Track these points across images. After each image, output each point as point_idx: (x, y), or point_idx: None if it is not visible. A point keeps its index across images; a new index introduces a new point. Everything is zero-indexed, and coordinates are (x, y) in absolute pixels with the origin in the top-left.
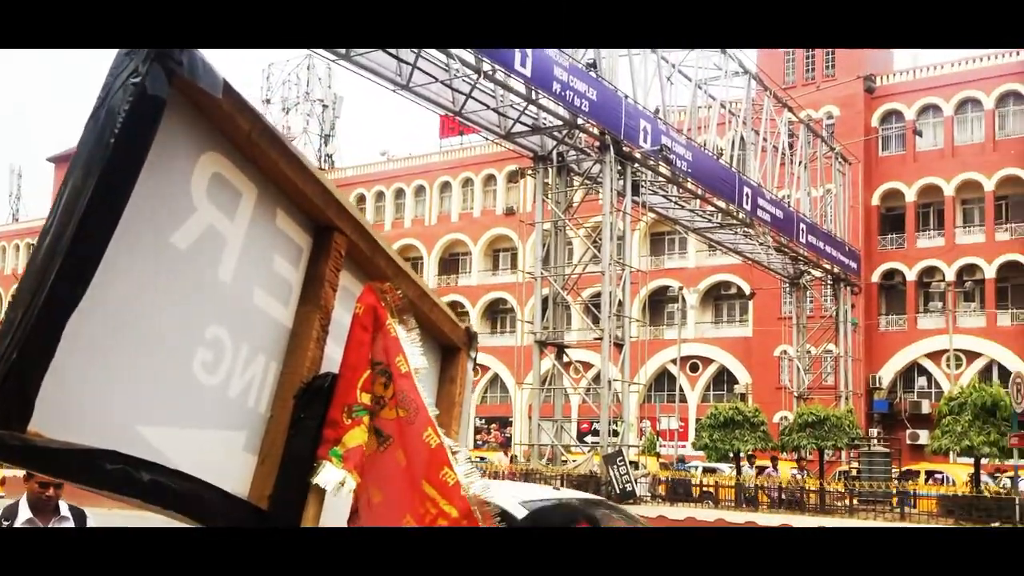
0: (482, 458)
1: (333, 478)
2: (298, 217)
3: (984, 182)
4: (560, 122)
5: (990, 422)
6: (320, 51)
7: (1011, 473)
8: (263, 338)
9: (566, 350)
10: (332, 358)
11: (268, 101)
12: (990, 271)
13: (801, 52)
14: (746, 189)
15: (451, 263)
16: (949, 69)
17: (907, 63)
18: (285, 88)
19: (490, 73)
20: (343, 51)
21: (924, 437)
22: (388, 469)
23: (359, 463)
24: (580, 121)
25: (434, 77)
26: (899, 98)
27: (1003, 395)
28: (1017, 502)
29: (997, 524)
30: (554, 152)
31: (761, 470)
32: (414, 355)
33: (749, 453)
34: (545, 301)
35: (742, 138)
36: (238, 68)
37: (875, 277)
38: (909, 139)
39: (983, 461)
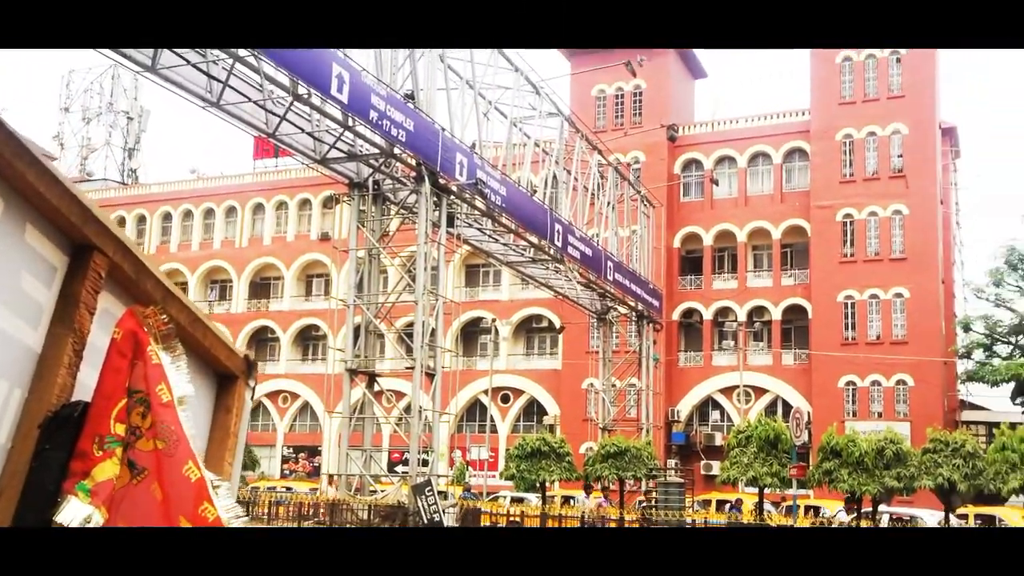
0: (288, 488)
1: (78, 514)
2: (52, 234)
3: (772, 230)
4: (376, 150)
5: (772, 454)
6: (126, 62)
7: (789, 503)
8: (5, 362)
9: (377, 379)
10: (87, 385)
11: (67, 109)
12: (776, 313)
13: (612, 98)
14: (557, 226)
15: (262, 287)
16: (743, 124)
17: (707, 116)
18: (87, 97)
19: (305, 97)
20: (149, 63)
21: (716, 468)
22: (142, 504)
23: (108, 498)
24: (397, 151)
25: (246, 96)
26: (699, 148)
27: (784, 429)
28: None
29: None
30: (370, 180)
31: (567, 500)
32: (179, 383)
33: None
34: (357, 329)
35: (554, 176)
36: (35, 73)
37: (675, 315)
38: (707, 187)
39: (767, 490)
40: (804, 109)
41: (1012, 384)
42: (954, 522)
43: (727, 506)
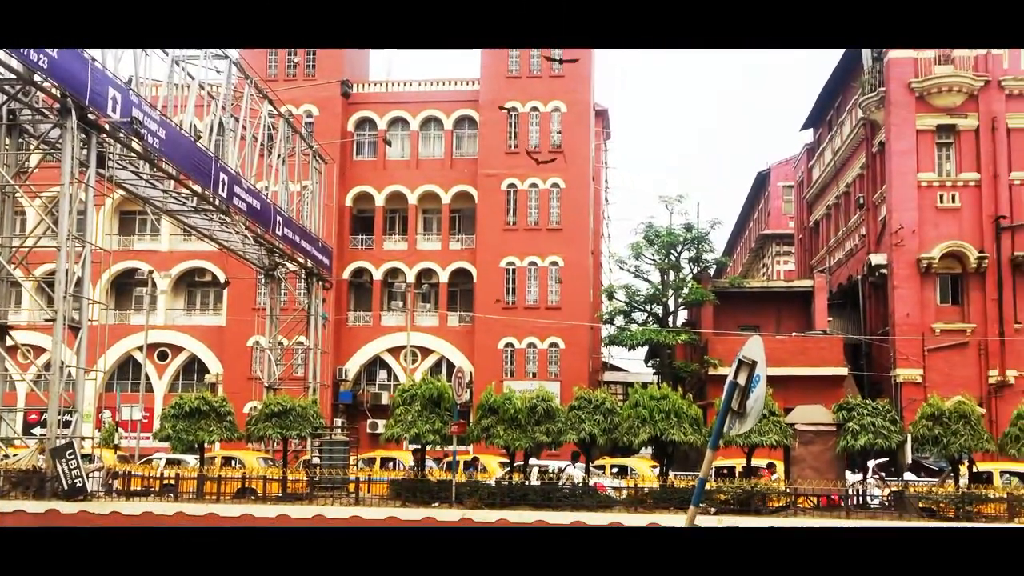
0: None
1: None
2: None
3: (442, 195)
4: (13, 76)
5: (435, 412)
6: None
7: (449, 459)
8: None
9: (11, 332)
10: None
11: None
12: (444, 276)
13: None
14: (223, 175)
15: None
16: (417, 88)
17: (381, 75)
18: None
19: None
20: None
21: (382, 426)
22: None
23: None
24: (38, 78)
25: None
26: (372, 107)
27: (447, 388)
28: (454, 484)
29: (437, 504)
30: (4, 109)
31: (228, 461)
32: None
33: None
34: None
35: (221, 123)
36: None
37: (346, 274)
38: (380, 147)
39: (428, 447)
40: (475, 79)
41: (646, 348)
42: (568, 469)
43: (464, 466)
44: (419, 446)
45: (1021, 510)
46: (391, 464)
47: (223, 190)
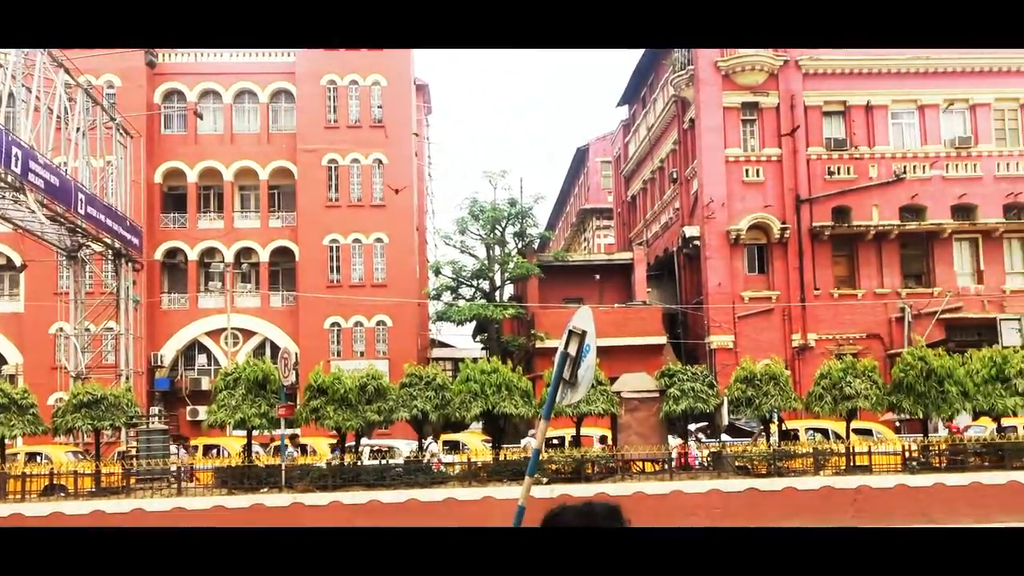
0: None
1: None
2: None
3: (259, 171)
4: None
5: (261, 395)
6: None
7: (277, 443)
8: None
9: None
10: None
11: None
12: (264, 255)
13: None
14: (16, 150)
15: None
16: (229, 58)
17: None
18: None
19: None
20: None
21: (203, 412)
22: None
23: None
24: None
25: None
26: (181, 78)
27: (273, 370)
28: (284, 469)
29: (266, 490)
30: None
31: (32, 457)
32: None
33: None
34: None
35: (11, 94)
36: None
37: (158, 255)
38: (191, 120)
39: (255, 432)
40: (291, 51)
41: (473, 323)
42: (431, 447)
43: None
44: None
45: (825, 463)
46: (215, 451)
47: (16, 165)
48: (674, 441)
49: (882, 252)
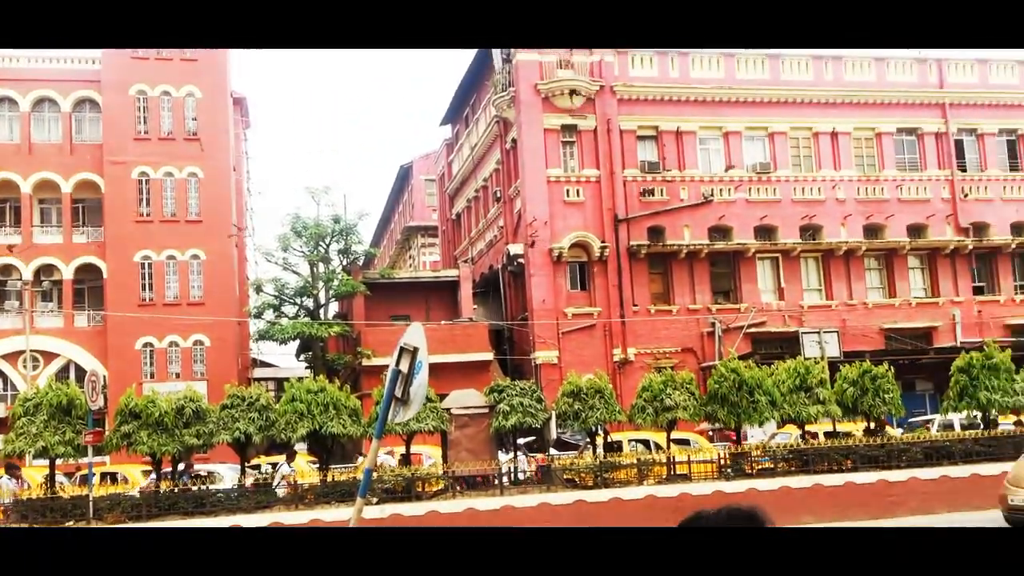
0: None
1: None
2: None
3: (62, 183)
4: None
5: (66, 421)
6: None
7: (84, 472)
8: None
9: None
10: None
11: None
12: (68, 272)
13: None
14: None
15: None
16: (26, 64)
17: None
18: None
19: None
20: None
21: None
22: None
23: None
24: None
25: None
26: None
27: (79, 394)
28: (91, 499)
29: (72, 523)
30: None
31: None
32: None
33: None
34: None
35: None
36: None
37: None
38: None
39: (59, 461)
40: (96, 57)
41: (297, 342)
42: (282, 467)
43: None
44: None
45: (648, 473)
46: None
47: None
48: (504, 456)
49: (693, 270)
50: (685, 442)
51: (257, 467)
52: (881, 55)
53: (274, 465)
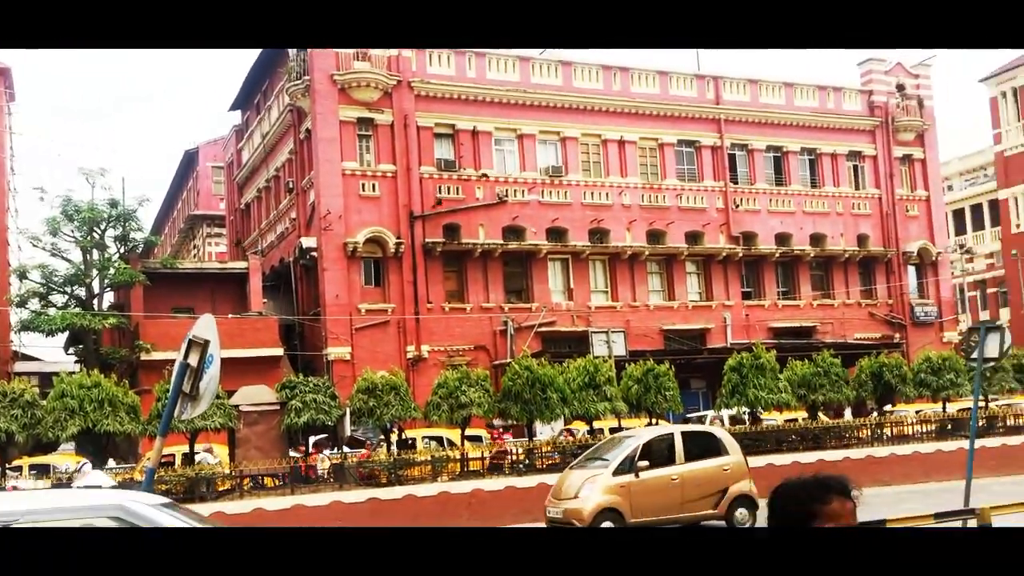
0: None
1: None
2: None
3: None
4: None
5: None
6: None
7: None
8: None
9: None
10: None
11: None
12: None
13: None
14: None
15: None
16: None
17: None
18: None
19: None
20: None
21: None
22: None
23: None
24: None
25: None
26: None
27: None
28: None
29: None
30: None
31: None
32: None
33: None
34: None
35: None
36: None
37: None
38: None
39: None
40: None
41: (67, 334)
42: (11, 476)
43: None
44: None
45: (443, 470)
46: None
47: None
48: (296, 454)
49: (487, 269)
50: (478, 439)
51: (19, 469)
52: (664, 69)
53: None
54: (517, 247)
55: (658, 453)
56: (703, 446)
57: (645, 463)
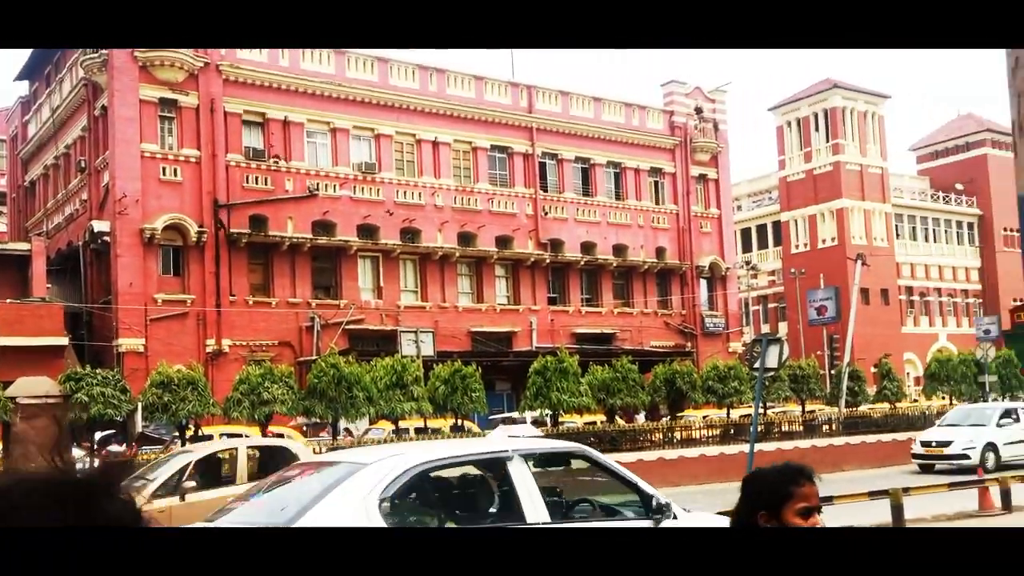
0: None
1: None
2: None
3: None
4: None
5: None
6: None
7: None
8: None
9: None
10: None
11: None
12: None
13: None
14: None
15: None
16: None
17: None
18: None
19: None
20: None
21: None
22: None
23: None
24: None
25: None
26: None
27: None
28: None
29: None
30: None
31: None
32: None
33: None
34: None
35: None
36: None
37: None
38: None
39: None
40: None
41: None
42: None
43: None
44: None
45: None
46: None
47: None
48: (80, 452)
49: (295, 263)
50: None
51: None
52: (480, 74)
53: None
54: (327, 242)
55: (215, 472)
56: (278, 463)
57: (193, 484)
